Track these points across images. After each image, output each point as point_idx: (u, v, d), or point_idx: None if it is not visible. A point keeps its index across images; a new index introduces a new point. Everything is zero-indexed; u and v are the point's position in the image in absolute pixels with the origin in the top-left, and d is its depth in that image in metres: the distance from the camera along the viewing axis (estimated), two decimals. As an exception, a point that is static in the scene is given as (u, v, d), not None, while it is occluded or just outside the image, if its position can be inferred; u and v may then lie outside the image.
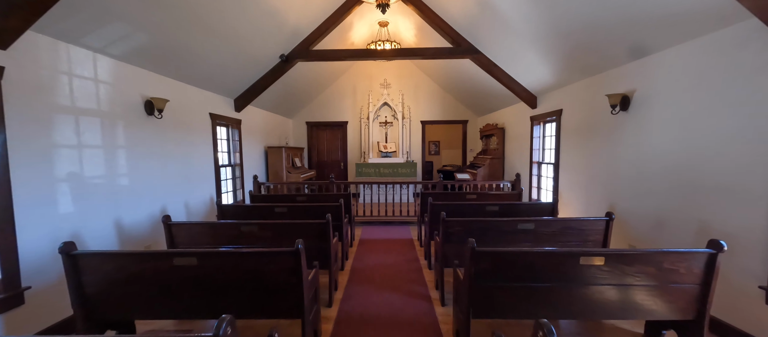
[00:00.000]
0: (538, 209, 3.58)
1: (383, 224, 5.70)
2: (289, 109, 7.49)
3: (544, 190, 5.02)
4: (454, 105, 8.05)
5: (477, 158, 7.29)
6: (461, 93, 7.42)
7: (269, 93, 5.87)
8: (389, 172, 7.28)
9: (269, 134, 6.70)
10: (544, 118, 4.80)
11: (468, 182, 5.67)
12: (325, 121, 8.15)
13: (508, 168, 6.23)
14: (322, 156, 8.36)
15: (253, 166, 5.84)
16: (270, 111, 6.71)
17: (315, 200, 4.42)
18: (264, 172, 6.33)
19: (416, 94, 8.03)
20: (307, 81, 6.73)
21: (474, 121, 8.13)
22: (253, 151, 5.83)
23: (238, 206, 3.68)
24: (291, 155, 6.79)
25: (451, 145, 10.26)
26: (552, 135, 4.76)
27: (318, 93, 7.93)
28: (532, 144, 5.16)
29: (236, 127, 5.18)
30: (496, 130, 6.38)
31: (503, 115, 6.45)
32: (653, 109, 2.85)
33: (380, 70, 7.93)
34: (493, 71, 4.86)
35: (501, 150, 6.38)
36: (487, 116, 7.50)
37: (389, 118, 7.95)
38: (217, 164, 4.55)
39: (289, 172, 6.38)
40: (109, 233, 2.79)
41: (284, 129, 7.69)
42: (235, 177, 5.23)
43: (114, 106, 2.86)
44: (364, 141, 7.89)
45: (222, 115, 4.74)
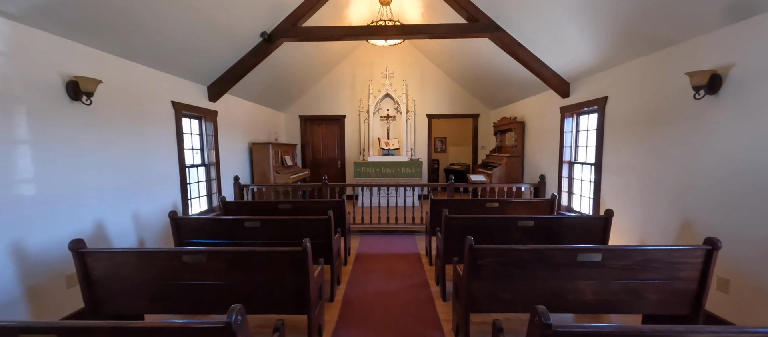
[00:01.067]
0: (586, 226, 2.76)
1: (385, 233, 4.90)
2: (279, 101, 6.68)
3: (576, 195, 4.20)
4: (464, 97, 7.21)
5: (490, 157, 6.47)
6: (473, 83, 6.58)
7: (253, 81, 5.06)
8: (391, 172, 6.47)
9: (256, 129, 5.90)
10: (580, 109, 3.97)
11: (483, 184, 4.85)
12: (321, 115, 7.34)
13: (529, 168, 5.40)
14: (317, 154, 7.55)
15: (234, 165, 5.05)
16: (256, 103, 5.90)
17: (300, 210, 3.63)
18: (248, 172, 5.54)
19: (422, 85, 7.20)
20: (299, 69, 5.91)
21: (486, 116, 7.30)
22: (233, 149, 5.03)
23: (198, 218, 2.89)
24: (281, 153, 5.99)
25: (459, 141, 9.43)
26: (590, 129, 3.93)
27: (312, 83, 7.12)
28: (561, 140, 4.33)
29: (211, 120, 4.38)
30: (515, 124, 5.54)
31: (523, 107, 5.61)
32: (761, 91, 2.02)
33: (381, 57, 7.09)
34: (517, 53, 4.02)
35: (520, 147, 5.55)
36: (502, 109, 6.66)
37: (392, 111, 7.13)
38: (183, 164, 3.76)
39: (277, 172, 5.58)
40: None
41: (274, 124, 6.88)
42: (211, 179, 4.44)
43: (10, 85, 2.06)
44: (364, 137, 7.08)
45: (191, 104, 3.93)
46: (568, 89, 4.18)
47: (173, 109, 3.61)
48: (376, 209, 5.86)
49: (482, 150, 7.38)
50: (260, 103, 6.09)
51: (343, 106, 7.31)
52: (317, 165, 7.56)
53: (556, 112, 4.47)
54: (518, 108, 5.80)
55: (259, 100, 5.94)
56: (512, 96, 5.81)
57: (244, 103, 5.41)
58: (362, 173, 6.49)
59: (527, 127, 5.45)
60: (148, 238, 3.23)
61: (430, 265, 3.70)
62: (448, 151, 9.51)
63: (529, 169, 5.39)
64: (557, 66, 4.00)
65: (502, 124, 6.14)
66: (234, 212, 3.61)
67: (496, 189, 4.85)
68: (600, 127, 3.56)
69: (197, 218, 2.91)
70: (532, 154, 5.31)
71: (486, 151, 7.31)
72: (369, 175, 6.48)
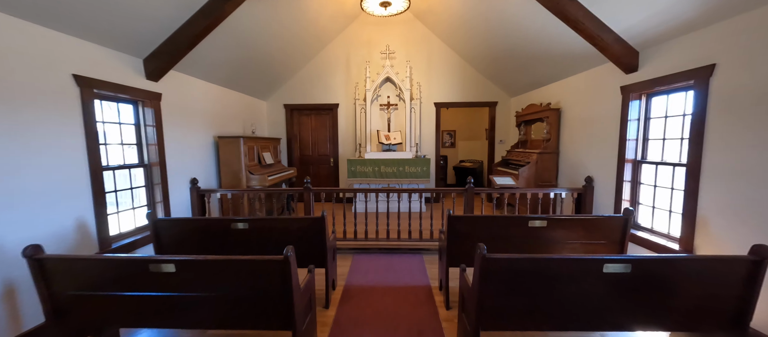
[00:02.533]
0: (716, 270, 1.65)
1: (384, 251, 3.82)
2: (259, 87, 5.56)
3: (646, 206, 3.09)
4: (479, 82, 6.06)
5: (513, 153, 5.34)
6: (491, 64, 5.43)
7: (220, 59, 3.94)
8: (393, 171, 5.37)
9: (226, 120, 4.79)
10: (655, 87, 2.83)
11: (511, 189, 3.74)
12: (309, 103, 6.22)
13: (567, 167, 4.27)
14: (305, 149, 6.45)
15: (192, 165, 3.96)
16: (226, 87, 4.78)
17: (262, 232, 2.54)
18: (214, 173, 4.45)
19: (428, 68, 6.05)
20: (281, 48, 4.78)
21: (505, 104, 6.15)
22: (191, 144, 3.93)
23: (76, 259, 1.79)
24: (257, 149, 4.89)
25: (470, 135, 8.29)
26: (673, 115, 2.80)
27: (299, 66, 5.98)
28: (623, 131, 3.20)
29: (151, 106, 3.28)
30: (548, 112, 4.40)
31: (560, 91, 4.46)
32: None
33: (381, 33, 5.94)
34: (565, 10, 2.88)
35: (554, 141, 4.42)
36: (528, 95, 5.51)
37: (393, 99, 6.00)
38: (98, 165, 2.67)
39: (251, 173, 4.49)
40: None
41: (253, 114, 5.77)
42: (153, 183, 3.35)
43: None
44: (360, 130, 5.97)
45: (115, 83, 2.83)
46: (637, 61, 3.03)
47: (77, 86, 2.51)
48: (374, 215, 4.77)
49: (500, 145, 6.25)
50: (232, 88, 4.98)
51: (336, 93, 6.18)
52: (306, 163, 6.46)
53: (613, 94, 3.33)
54: (552, 92, 4.65)
55: (230, 84, 4.83)
56: (543, 77, 4.66)
57: (206, 86, 4.30)
58: (358, 172, 5.39)
59: (564, 116, 4.30)
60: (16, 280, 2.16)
61: (446, 308, 2.62)
62: (458, 145, 8.38)
63: (567, 168, 4.26)
64: (624, 27, 2.85)
65: (528, 113, 5.00)
66: (167, 235, 2.54)
67: (528, 196, 3.74)
68: (699, 112, 2.42)
69: (76, 258, 1.80)
70: (571, 149, 4.18)
71: (505, 146, 6.18)
72: (366, 175, 5.38)
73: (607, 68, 3.40)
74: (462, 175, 7.54)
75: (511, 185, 3.73)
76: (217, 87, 4.57)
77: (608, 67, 3.38)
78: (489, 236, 2.51)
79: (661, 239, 2.81)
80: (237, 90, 5.13)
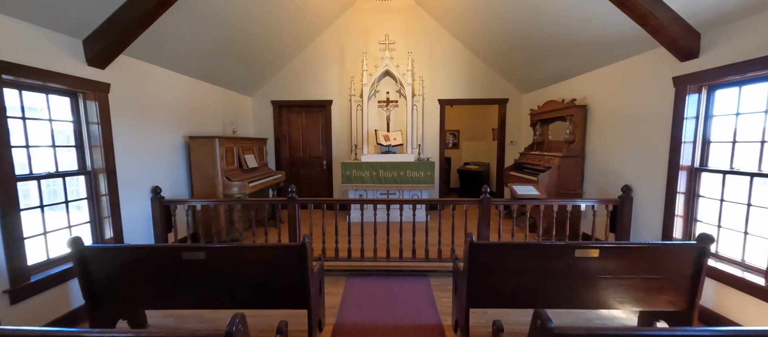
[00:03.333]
0: None
1: (384, 274, 3.21)
2: (243, 81, 4.93)
3: (706, 224, 2.51)
4: (488, 76, 5.47)
5: (527, 156, 4.76)
6: (503, 56, 4.84)
7: (191, 46, 3.33)
8: (393, 176, 4.76)
9: (201, 117, 4.16)
10: (727, 76, 2.25)
11: (535, 200, 3.14)
12: (300, 100, 5.59)
13: (595, 174, 3.70)
14: (295, 151, 5.82)
15: (156, 170, 3.33)
16: (200, 79, 4.15)
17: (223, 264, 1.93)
18: (185, 179, 3.82)
19: (432, 60, 5.45)
20: (267, 38, 4.16)
21: (517, 101, 5.56)
22: (153, 145, 3.31)
23: None
24: (238, 151, 4.27)
25: (474, 134, 7.71)
26: (748, 112, 2.22)
27: (288, 58, 5.36)
28: (677, 132, 2.62)
29: (95, 98, 2.64)
30: (572, 109, 3.82)
31: (586, 85, 3.88)
32: None
33: (380, 22, 5.33)
34: (612, -20, 2.30)
35: (579, 143, 3.84)
36: (543, 91, 4.93)
37: (392, 95, 5.39)
38: (6, 175, 2.04)
39: (229, 178, 3.87)
40: None
41: (235, 111, 5.14)
42: (99, 195, 2.72)
43: None
44: (356, 129, 5.36)
45: (36, 67, 2.20)
46: (697, 45, 2.45)
47: (-27, 69, 1.88)
48: (372, 226, 4.16)
49: (511, 147, 5.66)
50: (209, 82, 4.35)
51: (329, 88, 5.56)
52: (296, 165, 5.84)
53: (661, 87, 2.74)
54: (575, 87, 4.07)
55: (206, 77, 4.20)
56: (566, 70, 4.07)
57: (175, 78, 3.66)
58: (353, 177, 4.78)
59: (592, 113, 3.72)
60: None
61: (465, 359, 2.02)
62: (462, 146, 7.79)
63: (595, 175, 3.68)
64: (683, 3, 2.27)
65: (546, 111, 4.41)
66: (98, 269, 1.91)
67: (554, 208, 3.15)
68: (800, 106, 1.84)
69: None
70: (600, 153, 3.60)
71: (516, 148, 5.60)
72: (362, 181, 4.78)
73: (654, 56, 2.82)
74: (466, 179, 6.96)
75: (536, 196, 3.14)
76: (190, 79, 3.93)
77: (655, 55, 2.80)
78: (521, 268, 1.91)
79: (737, 269, 2.23)
80: (215, 84, 4.50)
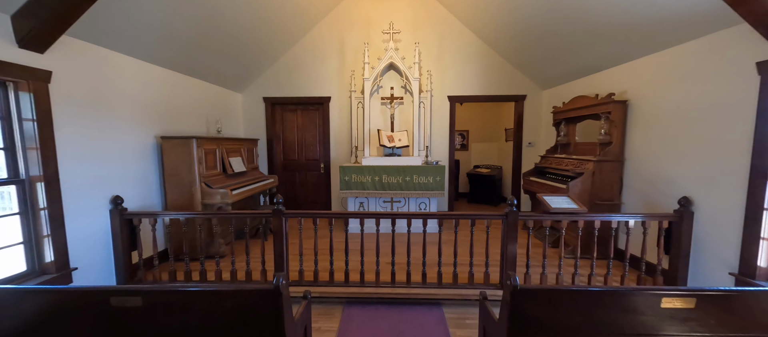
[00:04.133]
0: None
1: (388, 302, 2.67)
2: (232, 75, 4.41)
3: (805, 251, 1.94)
4: (504, 70, 4.91)
5: (549, 160, 4.19)
6: (522, 47, 4.28)
7: (164, 31, 2.81)
8: (398, 182, 4.22)
9: (180, 115, 3.65)
10: None
11: (572, 214, 2.58)
12: (295, 96, 5.07)
13: (638, 181, 3.13)
14: (290, 153, 5.30)
15: (116, 176, 2.81)
16: (177, 71, 3.63)
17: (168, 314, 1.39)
18: (157, 186, 3.30)
19: (441, 52, 4.90)
20: (258, 25, 3.65)
21: (536, 98, 5.00)
22: (114, 147, 2.79)
23: None
24: (222, 153, 3.75)
25: (485, 135, 7.14)
26: None
27: (281, 50, 4.84)
28: (764, 130, 2.06)
29: (30, 89, 2.12)
30: (610, 106, 3.25)
31: (624, 77, 3.32)
32: None
33: (384, 9, 4.80)
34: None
35: (618, 146, 3.27)
36: (568, 86, 4.37)
37: (397, 91, 4.86)
38: None
39: (209, 185, 3.34)
40: None
41: (224, 109, 4.62)
42: (36, 209, 2.20)
43: None
44: (357, 129, 4.82)
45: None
46: (799, 17, 1.89)
47: None
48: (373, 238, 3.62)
49: (529, 149, 5.10)
50: (190, 75, 3.83)
51: (328, 83, 5.03)
52: (290, 169, 5.31)
53: (742, 74, 2.18)
54: (612, 79, 3.50)
55: (185, 69, 3.68)
56: (598, 60, 3.51)
57: (144, 68, 3.15)
58: (353, 183, 4.25)
59: (634, 110, 3.16)
60: None
61: None
62: (471, 148, 7.23)
63: (638, 182, 3.11)
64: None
65: (573, 109, 3.85)
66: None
67: (596, 225, 2.58)
68: None
69: None
70: (646, 156, 3.03)
71: (535, 150, 5.04)
72: (363, 187, 4.24)
73: (729, 36, 2.25)
74: (477, 183, 6.40)
75: (574, 210, 2.58)
76: (165, 71, 3.42)
77: (731, 35, 2.24)
78: (581, 324, 1.36)
79: None
80: (198, 77, 3.98)
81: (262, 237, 2.92)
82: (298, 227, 2.74)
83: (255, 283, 2.75)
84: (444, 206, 5.10)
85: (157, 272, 2.78)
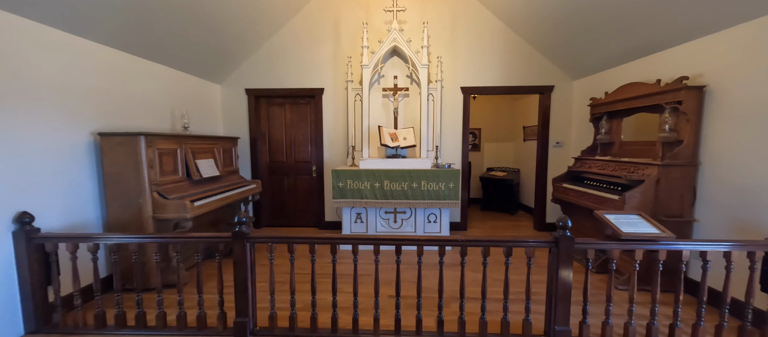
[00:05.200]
0: None
1: (390, 364, 1.94)
2: (204, 61, 3.69)
3: None
4: (527, 57, 4.16)
5: (588, 163, 3.45)
6: (551, 27, 3.54)
7: None
8: (402, 189, 3.50)
9: (132, 107, 2.94)
10: None
11: (653, 241, 1.84)
12: (283, 88, 4.35)
13: (720, 192, 2.38)
14: (277, 154, 4.58)
15: (29, 185, 2.10)
16: (128, 52, 2.92)
17: None
18: (93, 197, 2.58)
19: (454, 35, 4.17)
20: (239, 3, 2.95)
21: (565, 89, 4.24)
22: (22, 145, 2.07)
23: None
24: (187, 154, 3.04)
25: (499, 134, 6.40)
26: None
27: (266, 35, 4.12)
28: None
29: None
30: (682, 94, 2.49)
31: (701, 57, 2.57)
32: None
33: (385, -15, 4.07)
34: None
35: (691, 145, 2.52)
36: (606, 74, 3.62)
37: (402, 81, 4.13)
38: None
39: (164, 195, 2.63)
40: None
41: (197, 103, 3.91)
42: None
43: None
44: (355, 126, 4.10)
45: None
46: None
47: None
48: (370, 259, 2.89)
49: (557, 149, 4.34)
50: (148, 58, 3.12)
51: (321, 72, 4.31)
52: (278, 172, 4.59)
53: None
54: (675, 61, 2.75)
55: (142, 51, 2.97)
56: (654, 38, 2.75)
57: (74, 44, 2.43)
58: (348, 191, 3.52)
59: (715, 98, 2.40)
60: None
61: None
62: (483, 148, 6.48)
63: (721, 194, 2.36)
64: None
65: (621, 99, 3.10)
66: None
67: (689, 257, 1.82)
68: None
69: None
70: (734, 160, 2.28)
71: (563, 151, 4.29)
72: (361, 195, 3.51)
73: None
74: (491, 188, 5.66)
75: (659, 236, 1.82)
76: (108, 50, 2.70)
77: None
78: None
79: None
80: (159, 62, 3.27)
81: (219, 265, 2.16)
82: (272, 254, 2.01)
83: (209, 332, 2.03)
84: (457, 217, 4.36)
85: (79, 315, 2.07)
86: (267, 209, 4.59)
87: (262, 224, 4.58)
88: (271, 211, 4.61)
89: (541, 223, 4.41)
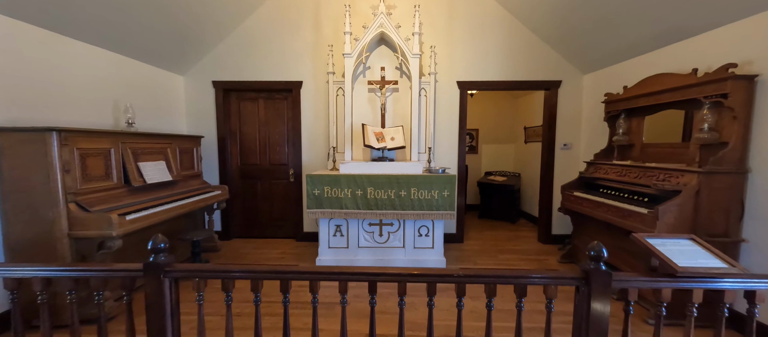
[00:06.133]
0: None
1: None
2: (161, 47, 3.15)
3: None
4: (533, 48, 3.70)
5: (604, 169, 2.98)
6: (563, 16, 3.07)
7: None
8: (389, 198, 2.99)
9: (53, 98, 2.39)
10: None
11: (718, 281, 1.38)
12: (256, 80, 3.82)
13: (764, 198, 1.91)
14: (250, 156, 4.03)
15: None
16: (49, 29, 2.37)
17: None
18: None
19: (450, 23, 3.69)
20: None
21: (574, 84, 3.79)
22: None
23: None
24: (124, 155, 2.50)
25: (498, 135, 5.94)
26: None
27: (239, 17, 3.59)
28: None
29: None
30: (728, 85, 2.03)
31: (750, 40, 2.10)
32: None
33: (372, -36, 3.58)
34: None
35: (739, 149, 2.06)
36: (622, 66, 3.17)
37: (390, 73, 3.63)
38: None
39: (84, 207, 2.09)
40: None
41: (158, 95, 3.36)
42: None
43: None
44: (337, 123, 3.59)
45: None
46: None
47: None
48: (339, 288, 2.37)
49: (564, 152, 3.88)
50: (80, 39, 2.57)
51: (299, 64, 3.79)
52: (250, 176, 4.05)
53: None
54: (718, 45, 2.29)
55: (62, 26, 2.42)
56: (692, 18, 2.30)
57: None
58: (325, 199, 3.01)
59: None
60: None
61: None
62: (481, 150, 6.01)
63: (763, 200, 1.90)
64: None
65: (647, 93, 2.63)
66: None
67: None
68: None
69: None
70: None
71: (573, 153, 3.83)
72: (340, 204, 3.00)
73: None
74: (489, 194, 5.18)
75: (723, 270, 1.37)
76: (13, 22, 2.15)
77: None
78: None
79: None
80: (100, 46, 2.72)
81: (128, 308, 1.61)
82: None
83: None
84: (452, 227, 3.87)
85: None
86: (238, 219, 4.04)
87: (231, 236, 4.03)
88: (243, 221, 4.06)
89: (547, 235, 3.94)
